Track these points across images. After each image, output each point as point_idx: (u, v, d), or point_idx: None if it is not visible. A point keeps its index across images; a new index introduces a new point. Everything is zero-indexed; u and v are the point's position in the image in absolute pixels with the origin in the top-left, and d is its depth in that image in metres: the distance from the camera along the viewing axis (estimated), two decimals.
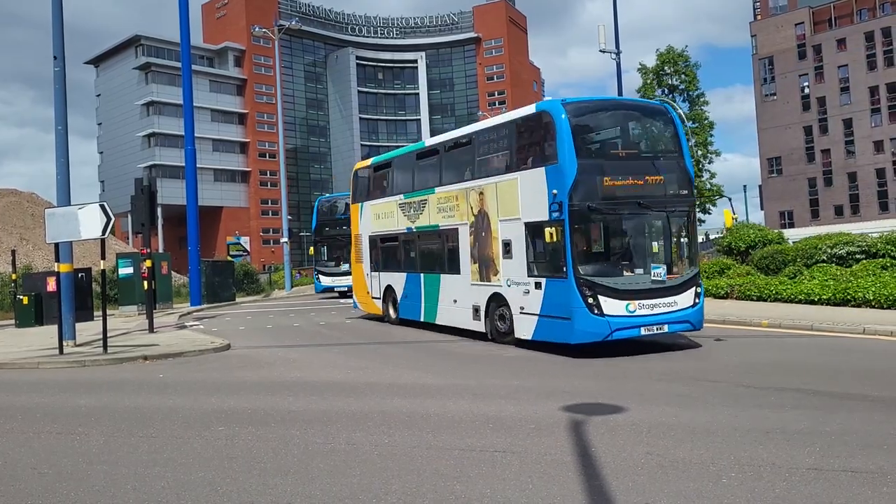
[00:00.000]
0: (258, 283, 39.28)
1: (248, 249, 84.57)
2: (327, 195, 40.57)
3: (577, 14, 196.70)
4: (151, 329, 18.41)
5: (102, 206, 13.69)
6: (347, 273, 26.58)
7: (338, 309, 24.78)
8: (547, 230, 11.35)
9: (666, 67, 31.45)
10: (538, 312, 12.01)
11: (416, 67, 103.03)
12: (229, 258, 55.89)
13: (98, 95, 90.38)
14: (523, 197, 12.30)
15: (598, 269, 11.61)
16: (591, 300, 11.11)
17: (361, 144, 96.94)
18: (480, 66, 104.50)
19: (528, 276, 12.22)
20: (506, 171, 13.11)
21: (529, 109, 12.87)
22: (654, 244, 12.43)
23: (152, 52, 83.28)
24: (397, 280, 17.55)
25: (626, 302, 11.31)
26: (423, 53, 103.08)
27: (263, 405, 8.85)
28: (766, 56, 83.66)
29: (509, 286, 12.83)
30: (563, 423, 7.23)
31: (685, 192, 12.32)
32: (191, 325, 20.90)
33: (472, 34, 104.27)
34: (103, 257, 14.80)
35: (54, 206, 16.55)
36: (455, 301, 14.95)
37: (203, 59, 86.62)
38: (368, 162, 20.15)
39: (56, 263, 15.03)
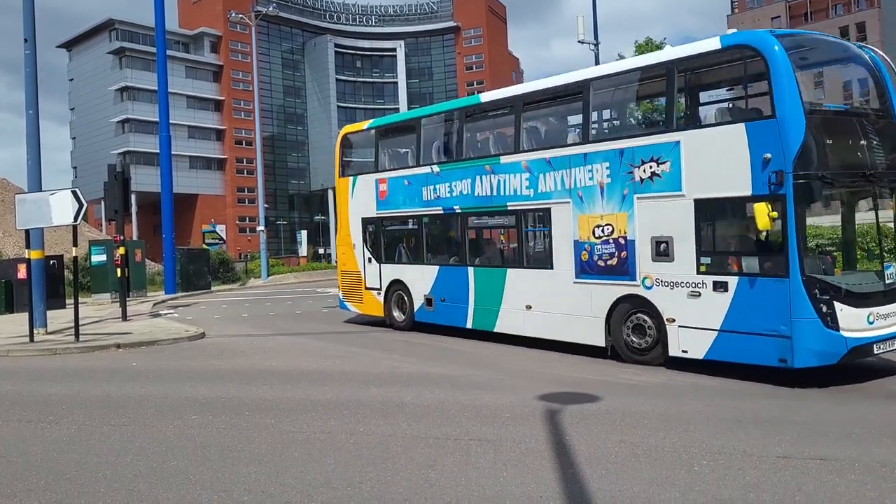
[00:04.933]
0: (234, 271, 38.90)
1: (224, 237, 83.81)
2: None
3: (562, 4, 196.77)
4: (125, 317, 18.20)
5: (74, 193, 13.48)
6: None
7: (314, 298, 24.65)
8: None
9: None
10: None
11: (395, 56, 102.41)
12: (205, 246, 55.35)
13: (71, 80, 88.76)
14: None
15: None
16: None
17: None
18: (459, 55, 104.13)
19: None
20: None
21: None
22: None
23: (126, 36, 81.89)
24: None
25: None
26: (401, 42, 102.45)
27: (237, 394, 8.79)
28: None
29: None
30: (539, 412, 7.27)
31: None
32: (165, 314, 20.69)
33: (452, 23, 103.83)
34: (75, 244, 14.58)
35: (25, 192, 16.28)
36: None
37: (178, 45, 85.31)
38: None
39: (27, 250, 14.78)
